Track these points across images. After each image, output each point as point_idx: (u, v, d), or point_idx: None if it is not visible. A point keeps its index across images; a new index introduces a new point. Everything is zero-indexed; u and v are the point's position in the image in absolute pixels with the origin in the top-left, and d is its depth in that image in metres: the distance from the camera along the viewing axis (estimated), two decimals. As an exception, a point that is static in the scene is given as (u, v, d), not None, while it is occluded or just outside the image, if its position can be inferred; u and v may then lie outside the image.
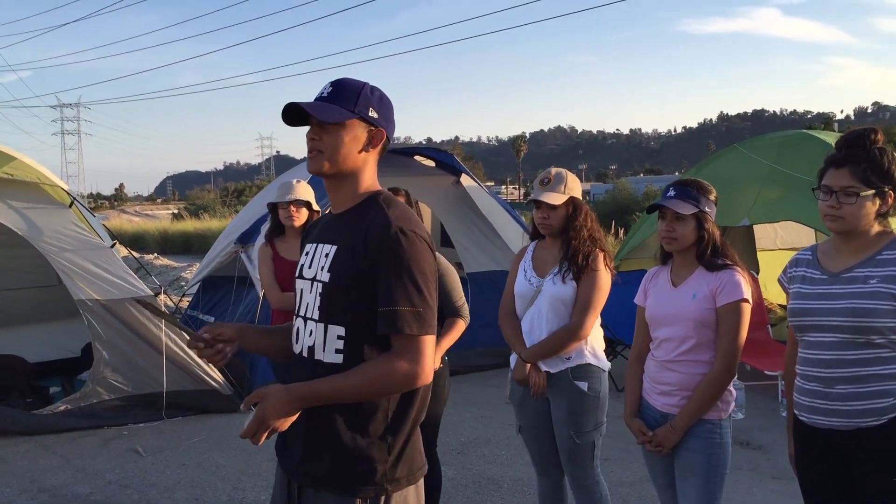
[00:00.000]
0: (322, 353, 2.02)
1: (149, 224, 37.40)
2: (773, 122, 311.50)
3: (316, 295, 2.06)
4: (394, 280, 1.95)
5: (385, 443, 2.01)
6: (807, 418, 2.57)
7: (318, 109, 2.02)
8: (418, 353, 1.96)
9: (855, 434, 2.45)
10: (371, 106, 2.08)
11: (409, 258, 1.97)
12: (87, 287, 6.18)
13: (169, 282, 14.17)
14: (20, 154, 6.65)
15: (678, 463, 2.92)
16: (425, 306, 1.98)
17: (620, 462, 5.15)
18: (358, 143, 2.07)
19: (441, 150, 8.74)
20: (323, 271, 2.05)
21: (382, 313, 1.95)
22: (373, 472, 1.99)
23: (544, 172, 3.45)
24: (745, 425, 5.88)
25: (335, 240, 2.08)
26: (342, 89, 2.07)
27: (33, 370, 7.50)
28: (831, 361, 2.47)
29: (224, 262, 8.14)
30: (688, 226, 2.89)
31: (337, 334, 2.01)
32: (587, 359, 3.28)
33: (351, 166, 2.08)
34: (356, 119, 2.05)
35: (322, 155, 2.04)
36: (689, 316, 2.87)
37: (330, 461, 2.00)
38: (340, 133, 2.04)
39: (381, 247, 1.96)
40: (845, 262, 2.52)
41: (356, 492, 1.99)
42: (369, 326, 1.98)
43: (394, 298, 1.94)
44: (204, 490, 4.91)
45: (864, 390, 2.43)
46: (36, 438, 5.91)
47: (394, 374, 1.94)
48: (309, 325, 2.07)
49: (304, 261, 2.16)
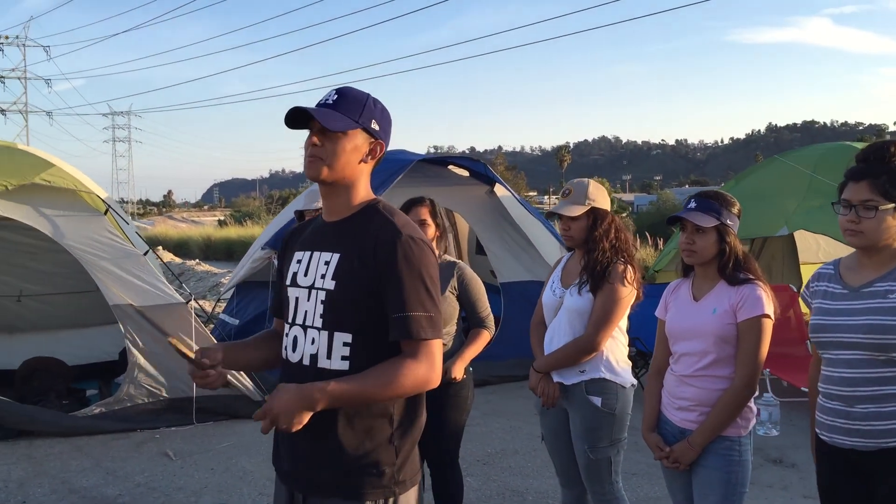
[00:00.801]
0: (327, 360, 2.03)
1: (193, 230, 38.00)
2: (824, 133, 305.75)
3: (317, 303, 2.06)
4: (407, 286, 1.98)
5: (392, 446, 2.04)
6: (828, 437, 2.50)
7: (325, 116, 2.03)
8: (432, 357, 2.00)
9: (877, 455, 2.38)
10: (374, 118, 2.10)
11: (419, 265, 2.00)
12: (121, 293, 6.29)
13: (209, 287, 14.35)
14: (58, 160, 6.80)
15: (696, 480, 2.86)
16: (436, 311, 2.02)
17: (648, 476, 5.07)
18: (358, 154, 2.08)
19: (474, 160, 8.74)
20: (325, 279, 2.05)
21: (396, 319, 1.97)
22: (381, 476, 2.02)
23: (566, 184, 3.43)
24: (779, 442, 5.74)
25: (335, 248, 2.08)
26: (347, 98, 2.08)
27: (72, 373, 7.65)
28: (852, 380, 2.40)
29: (256, 267, 8.23)
30: (708, 238, 2.84)
31: (343, 341, 2.02)
32: (602, 373, 3.22)
33: (349, 175, 2.09)
34: (359, 129, 2.07)
35: (322, 161, 2.05)
36: (709, 331, 2.81)
37: (337, 467, 2.01)
38: (343, 141, 2.05)
39: (391, 254, 1.99)
40: (866, 276, 2.45)
41: (365, 496, 2.01)
42: (375, 333, 2.01)
43: (408, 304, 1.97)
44: (230, 495, 4.94)
45: (886, 410, 2.35)
46: (70, 440, 6.02)
47: (410, 375, 1.96)
48: (310, 333, 2.07)
49: (297, 269, 2.15)
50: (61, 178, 6.36)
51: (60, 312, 8.21)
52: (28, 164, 6.49)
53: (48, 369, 7.43)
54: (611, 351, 3.24)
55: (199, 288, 13.87)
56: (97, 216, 6.43)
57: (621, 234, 3.35)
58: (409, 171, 7.53)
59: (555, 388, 3.25)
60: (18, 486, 5.12)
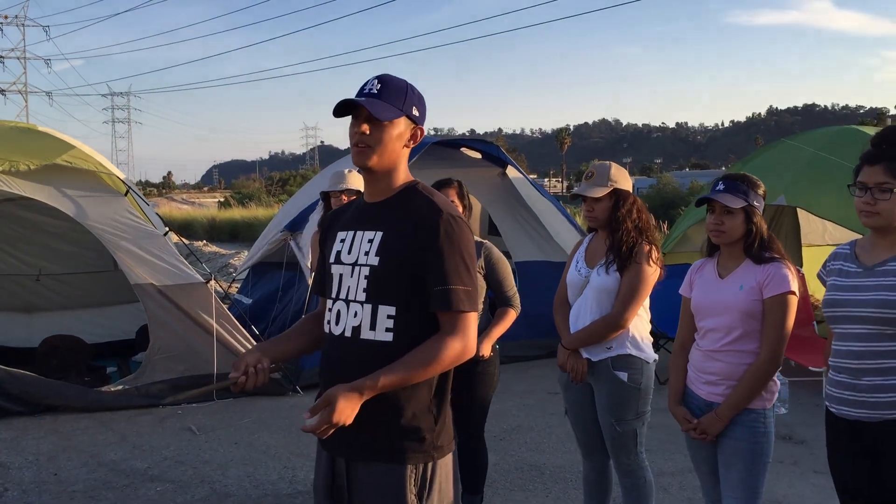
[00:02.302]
0: (370, 332, 2.15)
1: (197, 212, 38.08)
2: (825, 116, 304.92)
3: (360, 278, 2.18)
4: (447, 261, 2.11)
5: (431, 413, 2.18)
6: (836, 409, 2.62)
7: (374, 106, 2.14)
8: (468, 329, 2.14)
9: (882, 425, 2.50)
10: (414, 104, 2.23)
11: (459, 241, 2.14)
12: (143, 273, 6.40)
13: (218, 268, 14.48)
14: (78, 142, 6.89)
15: (722, 451, 2.98)
16: (473, 286, 2.16)
17: (662, 452, 5.21)
18: (402, 140, 2.21)
19: (487, 142, 8.83)
20: (369, 256, 2.18)
21: (438, 292, 2.11)
22: (422, 441, 2.15)
23: (589, 167, 3.54)
24: (789, 420, 5.89)
25: (378, 226, 2.20)
26: (390, 87, 2.19)
27: (91, 351, 7.79)
28: (860, 353, 2.52)
29: (273, 249, 8.35)
30: (736, 219, 2.95)
31: (387, 314, 2.14)
32: (628, 349, 3.34)
33: (394, 161, 2.22)
34: (403, 116, 2.20)
35: (371, 150, 2.17)
36: (736, 307, 2.92)
37: (382, 434, 2.13)
38: (390, 129, 2.17)
39: (433, 231, 2.12)
40: (880, 255, 2.57)
41: (407, 460, 2.13)
42: (417, 305, 2.14)
43: (448, 278, 2.11)
44: (255, 468, 5.08)
45: (892, 382, 2.47)
46: (94, 416, 6.16)
47: (449, 352, 2.10)
48: (353, 306, 2.19)
49: (340, 247, 2.27)
50: (82, 160, 6.46)
51: (79, 291, 8.35)
52: (49, 145, 6.60)
53: (68, 347, 7.57)
54: (636, 328, 3.37)
55: (208, 269, 13.96)
56: (118, 197, 6.53)
57: (643, 215, 3.46)
58: (422, 154, 7.62)
59: (583, 364, 3.38)
60: (48, 459, 5.26)
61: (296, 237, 7.82)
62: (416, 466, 2.15)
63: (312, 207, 7.60)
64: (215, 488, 4.75)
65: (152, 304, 6.43)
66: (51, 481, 4.87)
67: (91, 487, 4.76)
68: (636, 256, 3.31)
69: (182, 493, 4.68)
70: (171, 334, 6.46)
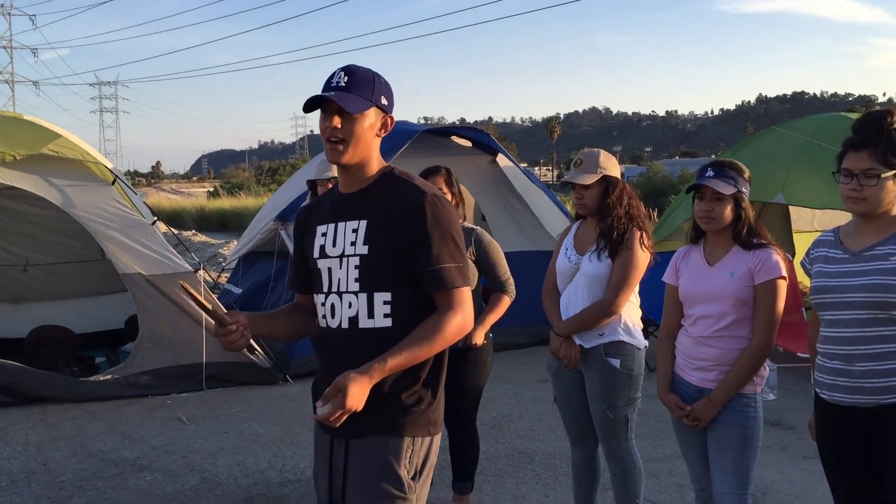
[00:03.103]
0: (369, 320, 2.16)
1: (186, 202, 37.90)
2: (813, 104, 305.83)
3: (350, 268, 2.18)
4: (437, 241, 2.13)
5: (429, 389, 2.21)
6: (828, 396, 2.62)
7: (345, 100, 2.13)
8: (465, 303, 2.17)
9: (876, 411, 2.50)
10: (382, 93, 2.21)
11: (445, 219, 2.16)
12: (131, 262, 6.37)
13: (207, 258, 14.44)
14: (65, 131, 6.84)
15: (714, 436, 2.99)
16: (464, 261, 2.19)
17: (651, 439, 5.23)
18: (374, 130, 2.21)
19: (477, 130, 8.80)
20: (356, 245, 2.17)
21: (431, 272, 2.13)
22: (421, 414, 2.19)
23: (578, 154, 3.52)
24: (777, 406, 5.92)
25: (361, 215, 2.20)
26: (356, 78, 2.18)
27: (79, 341, 7.75)
28: (853, 339, 2.52)
29: (264, 239, 8.31)
30: (726, 205, 2.95)
31: (383, 300, 2.15)
32: (620, 336, 3.34)
33: (368, 151, 2.22)
34: (373, 107, 2.19)
35: (345, 143, 2.16)
36: (727, 293, 2.93)
37: (383, 410, 2.13)
38: (361, 121, 2.16)
39: (419, 213, 2.14)
40: (866, 241, 2.57)
41: (405, 432, 2.16)
42: (412, 288, 2.16)
43: (440, 257, 2.13)
44: (245, 457, 5.08)
45: (886, 367, 2.48)
46: (83, 406, 6.13)
47: (451, 327, 2.13)
48: (346, 298, 2.19)
49: (323, 241, 2.26)
50: (69, 149, 6.41)
51: (66, 281, 8.31)
52: (35, 134, 6.53)
53: (56, 337, 7.54)
54: (627, 314, 3.37)
55: (197, 259, 13.91)
56: (105, 186, 6.49)
57: (633, 201, 3.46)
58: (412, 142, 7.59)
59: (576, 351, 3.37)
60: (37, 449, 5.24)
61: (286, 227, 7.79)
62: (412, 439, 2.17)
63: (303, 197, 7.56)
64: (205, 477, 4.74)
65: (141, 293, 6.40)
66: (40, 471, 4.85)
67: (80, 477, 4.74)
68: (628, 242, 3.31)
69: (171, 482, 4.67)
70: (159, 324, 6.44)
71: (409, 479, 2.16)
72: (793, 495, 4.38)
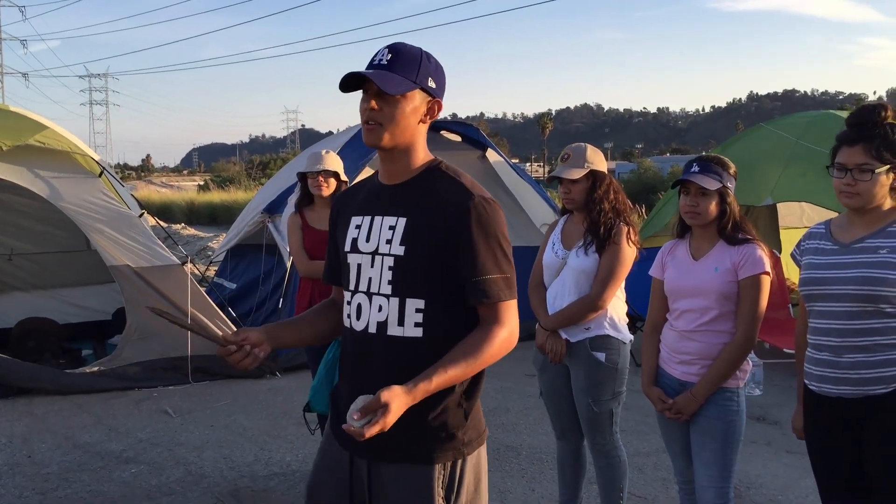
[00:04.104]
0: (399, 327, 1.98)
1: (176, 195, 37.80)
2: (804, 102, 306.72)
3: (384, 269, 1.99)
4: (483, 249, 1.94)
5: (461, 409, 2.01)
6: (816, 387, 2.63)
7: (383, 79, 1.92)
8: (512, 318, 2.00)
9: (863, 402, 2.52)
10: (430, 75, 2.00)
11: (493, 226, 1.97)
12: (118, 254, 6.35)
13: (196, 251, 14.39)
14: (52, 123, 6.81)
15: (696, 429, 3.00)
16: (511, 271, 2.00)
17: (637, 433, 5.24)
18: (417, 115, 1.99)
19: (467, 125, 8.79)
20: (392, 245, 1.99)
21: (474, 283, 1.94)
22: (451, 439, 2.00)
23: (565, 149, 3.53)
24: (763, 401, 5.96)
25: (400, 211, 2.01)
26: (402, 57, 1.97)
27: (65, 332, 7.72)
28: (841, 330, 2.54)
29: (251, 231, 8.29)
30: (711, 200, 2.96)
31: (416, 308, 1.97)
32: (606, 330, 3.35)
33: (409, 138, 2.00)
34: (417, 89, 1.97)
35: (381, 127, 1.96)
36: (711, 288, 2.94)
37: (410, 433, 1.95)
38: (402, 104, 1.95)
39: (464, 217, 1.94)
40: (857, 234, 2.58)
41: (435, 459, 1.99)
42: (448, 297, 1.98)
43: (485, 268, 1.94)
44: (231, 450, 5.07)
45: (873, 359, 2.49)
46: (69, 398, 6.11)
47: (497, 343, 1.96)
48: (376, 300, 2.00)
49: (356, 234, 2.07)
50: (55, 140, 6.38)
51: (52, 271, 8.26)
52: (22, 125, 6.51)
53: (43, 329, 7.50)
54: (613, 308, 3.37)
55: (186, 252, 13.87)
56: (92, 178, 6.46)
57: (619, 196, 3.47)
58: (402, 136, 7.58)
59: (562, 345, 3.38)
60: (22, 441, 5.22)
61: (274, 220, 7.77)
62: (444, 465, 1.99)
63: (291, 190, 7.54)
64: (191, 470, 4.73)
65: (128, 286, 6.38)
66: (25, 463, 4.83)
67: (65, 469, 4.73)
68: (615, 237, 3.32)
69: (157, 475, 4.65)
70: (147, 316, 6.40)
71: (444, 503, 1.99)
72: (777, 489, 4.41)
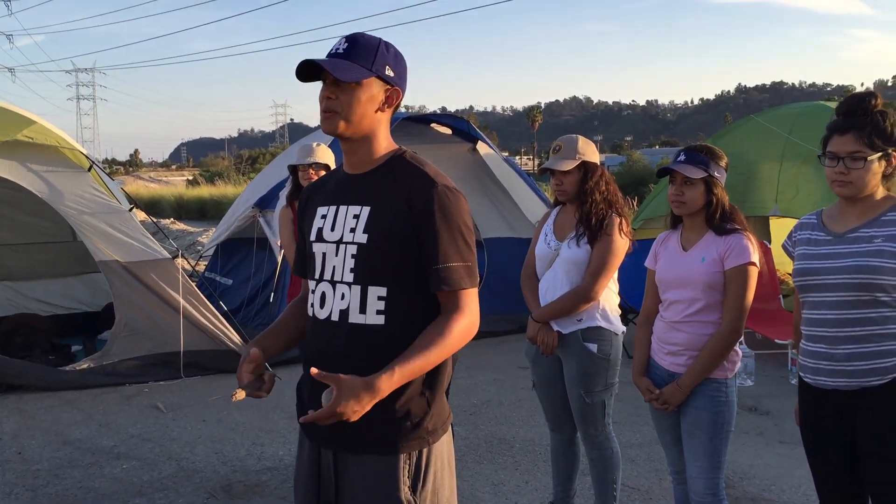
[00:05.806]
0: (360, 315, 1.98)
1: (165, 189, 37.63)
2: (792, 94, 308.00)
3: (346, 257, 2.00)
4: (445, 237, 1.95)
5: (424, 398, 2.01)
6: (812, 380, 2.62)
7: (336, 67, 1.94)
8: (474, 305, 2.00)
9: (859, 393, 2.51)
10: (387, 64, 2.01)
11: (457, 215, 1.98)
12: (108, 249, 6.32)
13: (186, 246, 14.35)
14: (40, 118, 6.76)
15: (685, 420, 3.01)
16: (473, 260, 2.00)
17: (630, 424, 5.25)
18: (374, 103, 2.00)
19: (457, 118, 8.80)
20: (355, 233, 2.00)
21: (436, 271, 1.94)
22: (416, 428, 1.99)
23: (557, 140, 3.52)
24: (754, 392, 5.98)
25: (364, 200, 2.02)
26: (358, 46, 1.99)
27: (54, 327, 7.68)
28: (836, 321, 2.53)
29: (242, 226, 8.26)
30: (697, 190, 2.96)
31: (378, 295, 1.97)
32: (598, 321, 3.35)
33: (367, 127, 2.01)
34: (373, 77, 1.98)
35: (337, 115, 1.98)
36: (698, 279, 2.94)
37: (373, 423, 1.93)
38: (357, 92, 1.97)
39: (427, 205, 1.95)
40: (850, 223, 2.57)
41: (399, 449, 1.98)
42: (410, 285, 1.98)
43: (447, 255, 1.95)
44: (223, 445, 5.05)
45: (868, 350, 2.49)
46: (59, 394, 6.08)
47: (459, 332, 1.96)
48: (339, 288, 2.01)
49: (322, 224, 2.08)
50: (44, 135, 6.35)
51: (38, 262, 8.23)
52: (10, 120, 6.46)
53: (32, 325, 7.46)
54: (605, 300, 3.38)
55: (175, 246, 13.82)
56: (81, 172, 6.43)
57: (611, 187, 3.47)
58: (393, 130, 7.55)
59: (554, 337, 3.38)
60: (12, 437, 5.19)
61: (265, 214, 7.75)
62: (409, 455, 1.99)
63: (282, 184, 7.51)
64: (182, 465, 4.71)
65: (118, 280, 6.35)
66: (15, 460, 4.80)
67: (56, 466, 4.70)
68: (607, 228, 3.32)
69: (149, 470, 4.63)
70: (137, 311, 6.39)
71: (409, 496, 1.99)
72: (769, 480, 4.42)
